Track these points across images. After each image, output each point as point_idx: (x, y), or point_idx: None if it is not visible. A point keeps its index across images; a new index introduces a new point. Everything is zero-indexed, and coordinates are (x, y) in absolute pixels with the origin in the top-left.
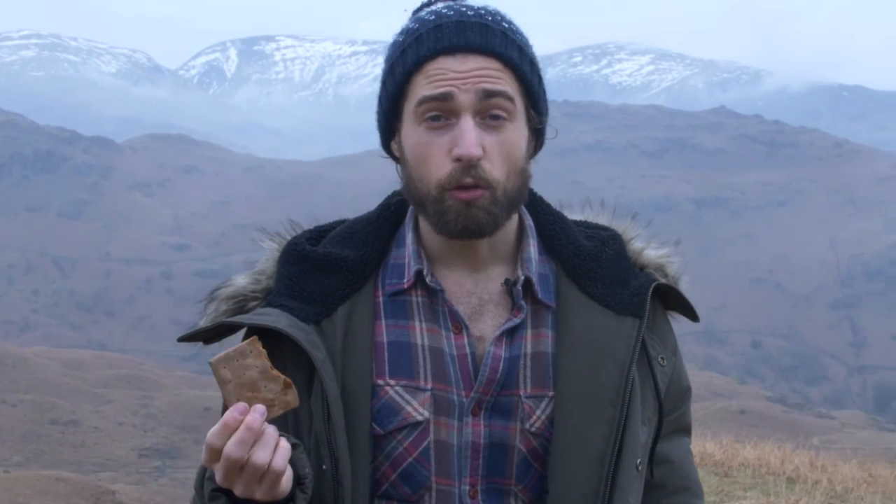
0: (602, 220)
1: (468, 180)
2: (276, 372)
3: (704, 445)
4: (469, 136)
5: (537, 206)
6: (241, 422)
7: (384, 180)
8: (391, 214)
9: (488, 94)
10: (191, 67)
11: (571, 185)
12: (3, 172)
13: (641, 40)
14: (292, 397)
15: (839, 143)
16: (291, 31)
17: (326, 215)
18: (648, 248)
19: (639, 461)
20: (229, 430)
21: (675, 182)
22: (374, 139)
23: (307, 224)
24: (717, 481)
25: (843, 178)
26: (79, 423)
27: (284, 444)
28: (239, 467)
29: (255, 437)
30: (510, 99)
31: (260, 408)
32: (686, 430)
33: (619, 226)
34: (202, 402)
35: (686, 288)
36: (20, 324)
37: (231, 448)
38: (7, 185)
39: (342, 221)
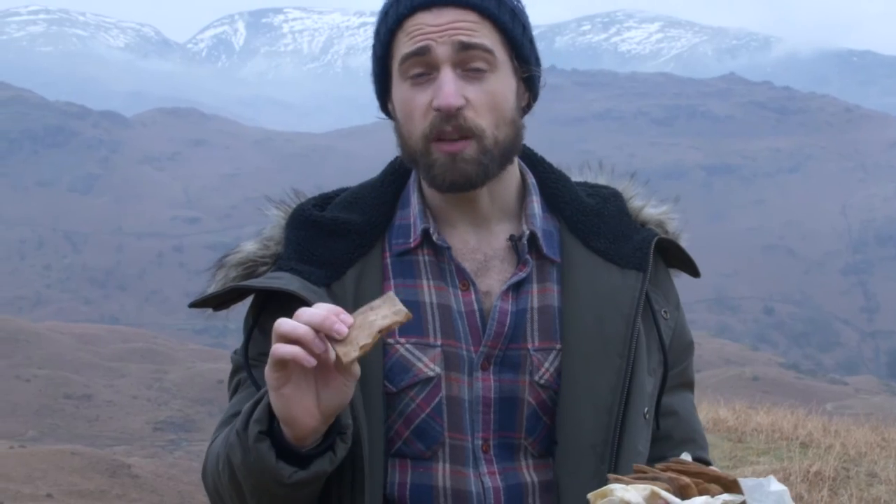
0: (601, 181)
1: (448, 129)
2: (377, 341)
3: (717, 412)
4: (447, 87)
5: (538, 165)
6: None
7: (395, 151)
8: (396, 177)
9: (465, 47)
10: (199, 41)
11: (581, 153)
12: (13, 148)
13: (650, 8)
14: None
15: (849, 108)
16: (299, 3)
17: (337, 187)
18: (648, 206)
19: (646, 410)
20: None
21: (685, 149)
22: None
23: (312, 194)
24: (730, 447)
25: (854, 143)
26: (93, 397)
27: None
28: (309, 350)
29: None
30: (488, 51)
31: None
32: (690, 385)
33: (619, 185)
34: (216, 375)
35: (687, 245)
36: (33, 299)
37: (326, 322)
38: (17, 161)
39: (345, 189)
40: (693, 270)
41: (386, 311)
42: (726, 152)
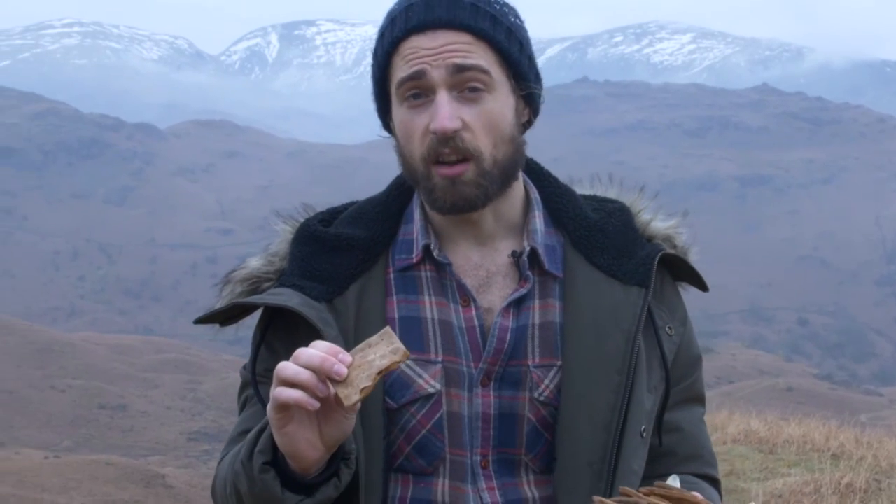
0: (611, 194)
1: (446, 150)
2: (376, 382)
3: (749, 423)
4: (442, 110)
5: (543, 179)
6: (336, 360)
7: None
8: (401, 193)
9: (460, 69)
10: (232, 53)
11: (614, 165)
12: (48, 160)
13: (682, 19)
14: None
15: (883, 118)
16: (332, 15)
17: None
18: (656, 220)
19: (643, 428)
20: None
21: (718, 161)
22: None
23: (322, 208)
24: (761, 458)
25: (888, 153)
26: (127, 407)
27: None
28: (311, 394)
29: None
30: (484, 71)
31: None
32: (698, 399)
33: (628, 198)
34: None
35: (697, 259)
36: (68, 310)
37: (325, 365)
38: (52, 173)
39: (353, 203)
40: (701, 285)
41: (384, 350)
42: (759, 163)
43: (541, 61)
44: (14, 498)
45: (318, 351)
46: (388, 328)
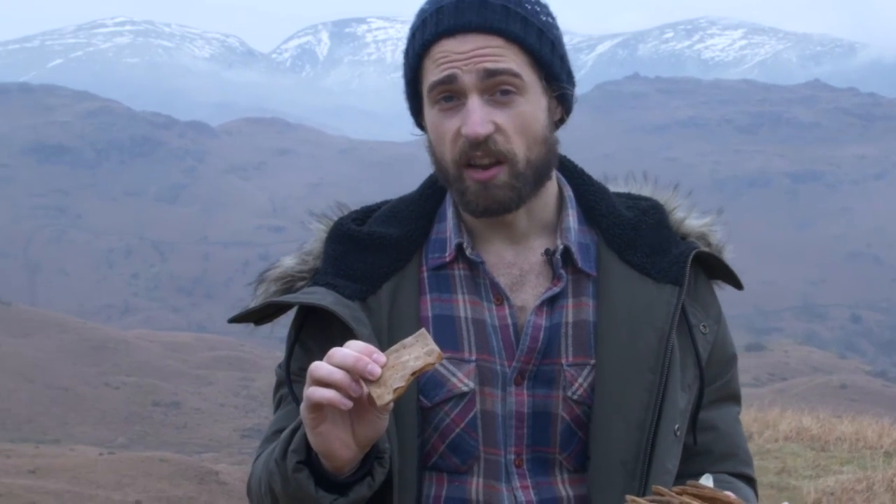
0: (645, 192)
1: (478, 154)
2: (409, 383)
3: (801, 420)
4: (473, 115)
5: (577, 177)
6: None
7: None
8: (434, 192)
9: (490, 73)
10: (283, 51)
11: (665, 161)
12: (100, 158)
13: (734, 14)
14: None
15: None
16: (382, 13)
17: None
18: (690, 218)
19: (677, 427)
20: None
21: (770, 157)
22: None
23: (356, 206)
24: (813, 455)
25: None
26: (181, 404)
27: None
28: (344, 394)
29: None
30: (515, 75)
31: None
32: (733, 398)
33: (662, 196)
34: None
35: (731, 257)
36: (121, 307)
37: (359, 364)
38: (105, 171)
39: (387, 202)
40: (736, 283)
41: (418, 352)
42: (811, 159)
43: (591, 58)
44: (69, 494)
45: (352, 351)
46: (423, 330)
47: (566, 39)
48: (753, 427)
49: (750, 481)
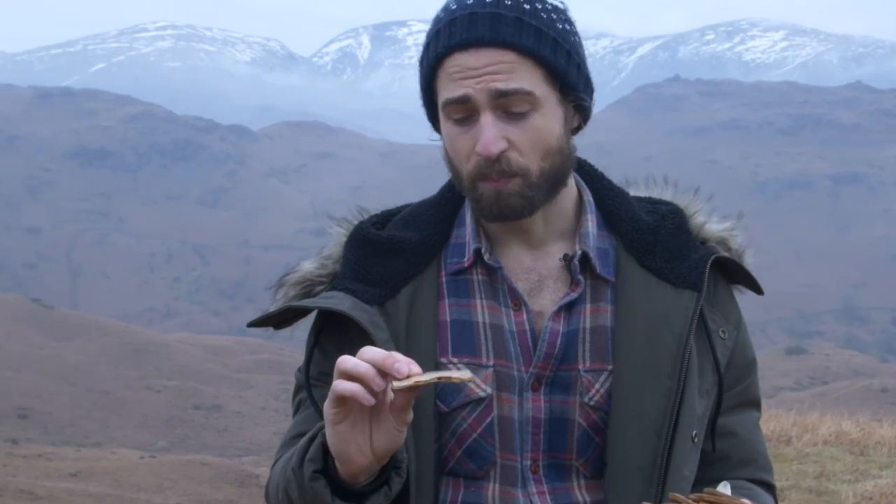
0: (666, 196)
1: (492, 172)
2: (419, 391)
3: (840, 424)
4: (486, 134)
5: (597, 181)
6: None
7: None
8: (453, 196)
9: (501, 94)
10: (324, 54)
11: (706, 164)
12: (142, 162)
13: (774, 16)
14: None
15: None
16: (423, 16)
17: None
18: (710, 222)
19: (694, 433)
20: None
21: (811, 159)
22: None
23: (376, 210)
24: (852, 460)
25: None
26: (222, 408)
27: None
28: (368, 388)
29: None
30: (527, 93)
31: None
32: (753, 404)
33: (682, 201)
34: None
35: (752, 262)
36: (163, 311)
37: (384, 361)
38: (147, 175)
39: (407, 206)
40: (756, 288)
41: (451, 371)
42: (853, 161)
43: (632, 60)
44: (110, 497)
45: (383, 350)
46: (467, 370)
47: (606, 42)
48: (793, 431)
49: (769, 487)
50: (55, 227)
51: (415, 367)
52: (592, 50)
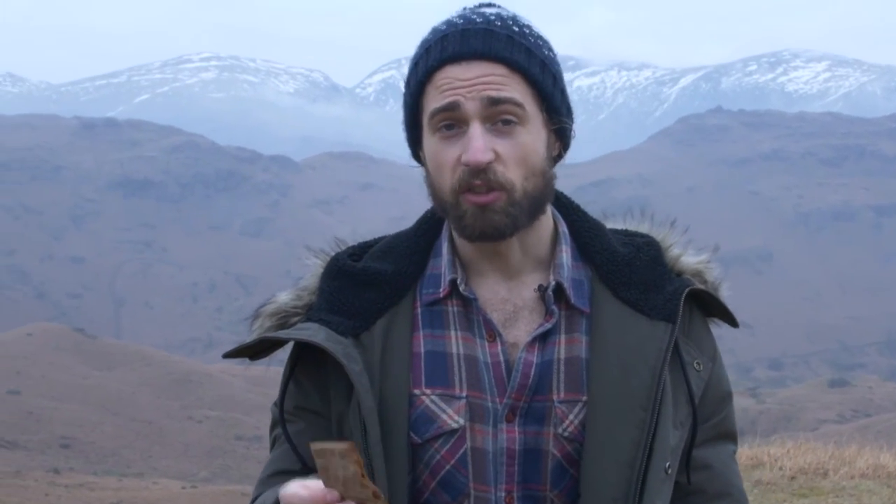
0: (643, 229)
1: (477, 182)
2: (366, 481)
3: (879, 457)
4: (475, 143)
5: (573, 213)
6: None
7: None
8: (430, 227)
9: (493, 102)
10: (367, 85)
11: (748, 195)
12: (186, 192)
13: (817, 47)
14: None
15: None
16: None
17: None
18: (686, 255)
19: (668, 464)
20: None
21: (855, 190)
22: None
23: (353, 241)
24: (888, 493)
25: None
26: (263, 438)
27: None
28: None
29: None
30: (518, 104)
31: None
32: (728, 436)
33: (658, 233)
34: None
35: (727, 295)
36: (205, 341)
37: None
38: (190, 205)
39: (383, 237)
40: (731, 320)
41: (336, 461)
42: None
43: (674, 91)
44: None
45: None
46: (353, 444)
47: (648, 73)
48: (830, 464)
49: None
50: (99, 256)
51: (334, 495)
52: (635, 81)
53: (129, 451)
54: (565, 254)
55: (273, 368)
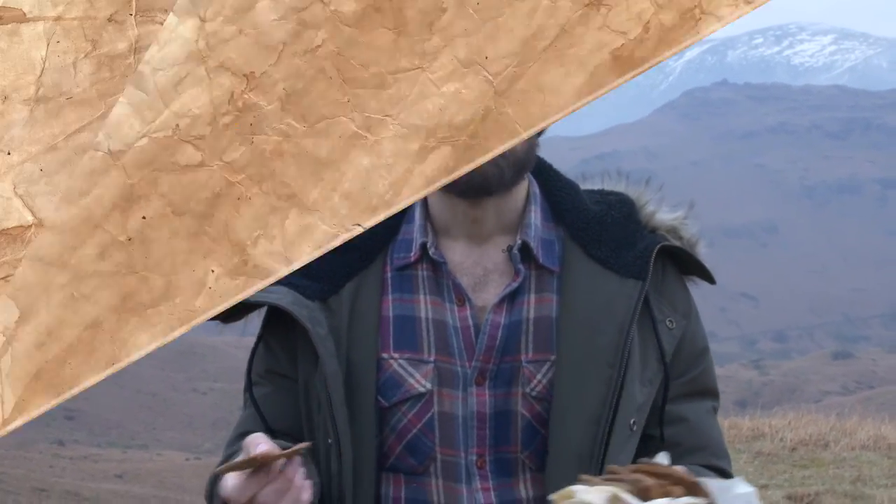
0: (619, 188)
1: None
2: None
3: (880, 428)
4: None
5: (545, 173)
6: (279, 473)
7: (563, 164)
8: None
9: None
10: None
11: (754, 167)
12: None
13: (823, 20)
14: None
15: None
16: None
17: None
18: (660, 212)
19: (633, 420)
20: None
21: (860, 163)
22: (558, 127)
23: None
24: (889, 464)
25: None
26: None
27: (307, 486)
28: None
29: (289, 488)
30: None
31: (297, 459)
32: (706, 393)
33: (634, 191)
34: None
35: (705, 252)
36: None
37: (267, 495)
38: None
39: None
40: (708, 277)
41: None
42: None
43: (680, 64)
44: (155, 499)
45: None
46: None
47: None
48: (830, 436)
49: (724, 474)
50: None
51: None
52: None
53: (134, 423)
54: (534, 213)
55: None
